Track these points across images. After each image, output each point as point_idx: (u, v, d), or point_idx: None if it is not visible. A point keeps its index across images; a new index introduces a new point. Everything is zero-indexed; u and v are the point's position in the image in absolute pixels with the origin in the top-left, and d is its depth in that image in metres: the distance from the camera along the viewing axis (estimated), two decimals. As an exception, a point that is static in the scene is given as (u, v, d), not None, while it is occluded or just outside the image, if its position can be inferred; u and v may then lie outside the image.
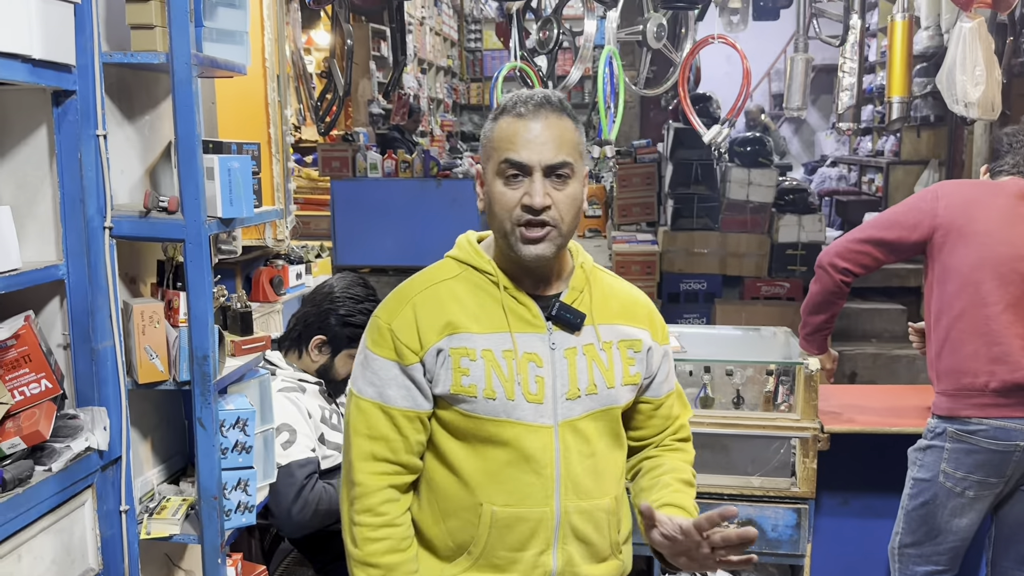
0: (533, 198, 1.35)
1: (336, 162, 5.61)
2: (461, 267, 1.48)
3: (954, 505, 2.34)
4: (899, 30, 3.82)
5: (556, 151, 1.37)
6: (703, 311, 5.96)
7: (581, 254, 1.53)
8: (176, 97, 1.73)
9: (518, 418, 1.42)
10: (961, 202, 2.33)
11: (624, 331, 1.51)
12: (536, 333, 1.44)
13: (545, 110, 1.38)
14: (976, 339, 2.29)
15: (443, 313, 1.43)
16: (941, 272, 2.34)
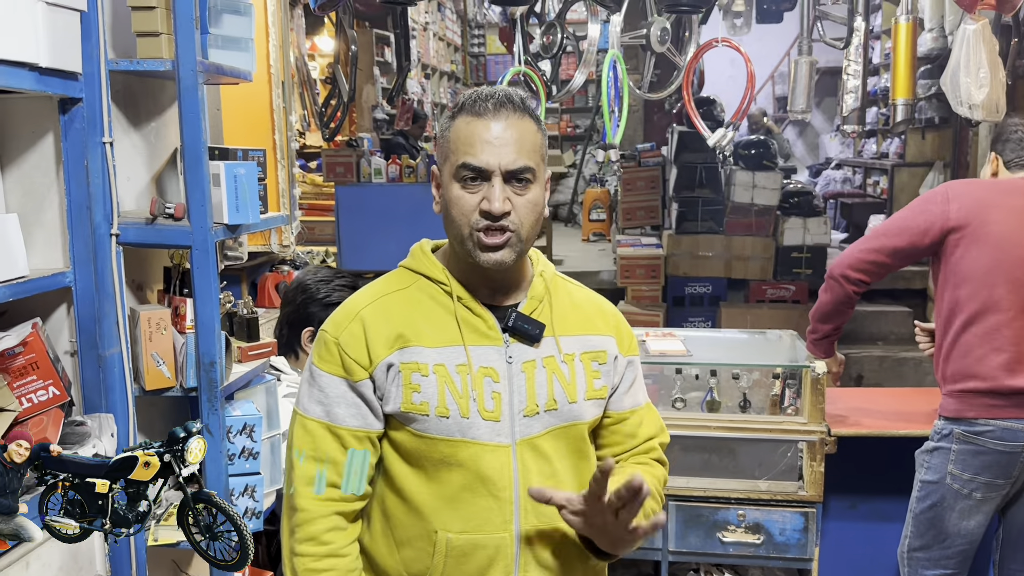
0: (492, 203, 1.27)
1: (340, 167, 5.62)
2: (414, 277, 1.39)
3: (962, 507, 2.33)
4: (903, 32, 3.82)
5: (517, 155, 1.28)
6: (708, 314, 5.96)
7: (541, 262, 1.44)
8: (182, 104, 1.74)
9: (473, 437, 1.32)
10: (974, 204, 2.30)
11: (588, 342, 1.41)
12: (492, 346, 1.34)
13: (506, 110, 1.30)
14: (987, 343, 2.27)
15: (393, 326, 1.34)
16: (953, 274, 2.32)
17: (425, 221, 5.72)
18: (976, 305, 2.28)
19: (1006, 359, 2.26)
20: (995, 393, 2.26)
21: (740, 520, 2.80)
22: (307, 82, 4.92)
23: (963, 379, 2.31)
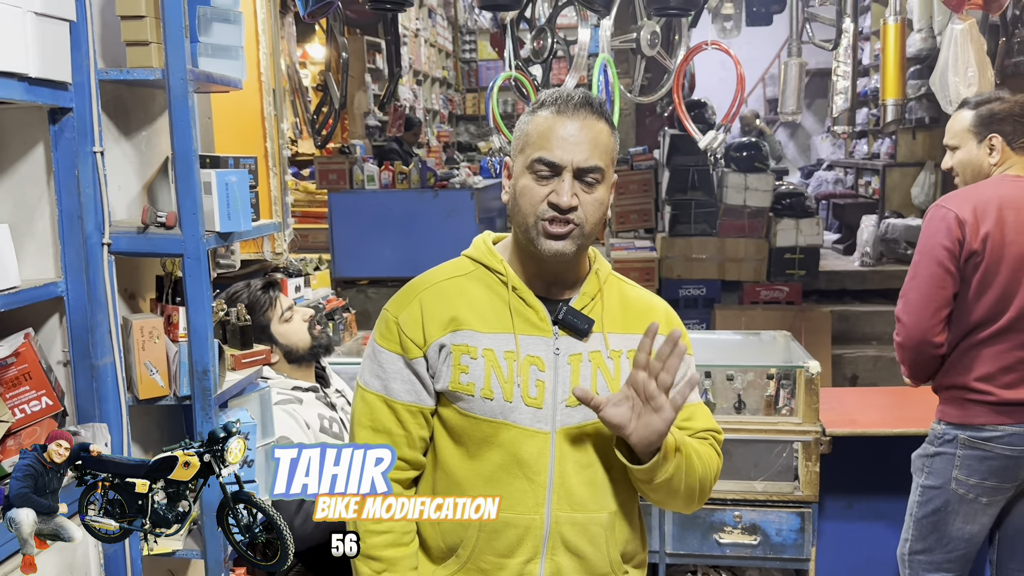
0: (560, 197, 1.34)
1: (333, 175, 5.63)
2: (474, 265, 1.47)
3: (966, 511, 2.31)
4: (892, 33, 3.84)
5: (589, 154, 1.35)
6: (703, 316, 5.97)
7: (599, 260, 1.50)
8: (172, 113, 1.74)
9: (514, 421, 1.39)
10: (990, 228, 2.21)
11: (636, 341, 1.43)
12: (541, 336, 1.42)
13: (584, 111, 1.37)
14: (998, 362, 2.23)
15: (449, 309, 1.42)
16: (971, 297, 2.25)
17: (419, 227, 5.76)
18: (995, 327, 2.23)
19: (1013, 378, 2.23)
20: (1003, 403, 2.24)
21: (737, 521, 2.81)
22: (299, 90, 4.92)
23: (967, 390, 2.27)
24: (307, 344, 2.35)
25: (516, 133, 1.44)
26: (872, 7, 7.68)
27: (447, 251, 1.56)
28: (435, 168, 6.44)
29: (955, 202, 2.28)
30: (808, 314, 5.65)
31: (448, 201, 5.80)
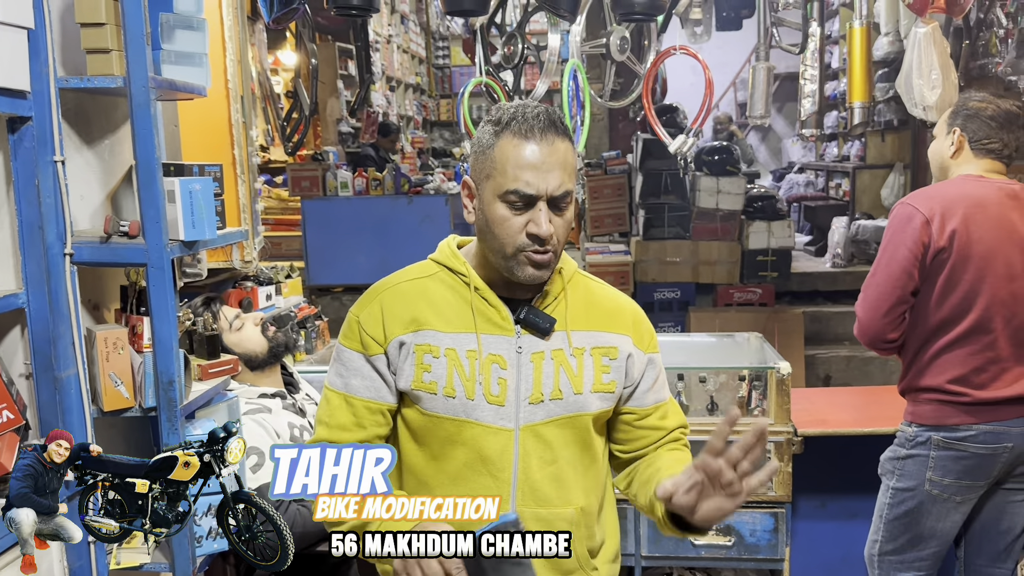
0: (540, 227, 1.35)
1: (306, 181, 5.61)
2: (438, 267, 1.49)
3: (939, 511, 2.32)
4: (858, 37, 3.89)
5: (561, 181, 1.36)
6: (678, 319, 5.99)
7: (563, 260, 1.51)
8: (134, 121, 1.72)
9: (477, 418, 1.41)
10: (957, 225, 2.22)
11: (599, 338, 1.48)
12: (503, 335, 1.43)
13: (551, 134, 1.37)
14: (969, 363, 2.25)
15: (410, 309, 1.44)
16: (937, 294, 2.26)
17: (394, 234, 5.74)
18: (963, 327, 2.24)
19: (984, 378, 2.25)
20: (977, 403, 2.25)
21: (711, 523, 2.82)
22: (270, 96, 4.89)
23: (941, 392, 2.28)
24: (264, 347, 2.34)
25: (477, 149, 1.42)
26: (840, 11, 7.78)
27: (422, 257, 1.57)
28: (409, 174, 6.43)
29: (921, 200, 2.30)
30: (781, 315, 5.69)
31: (422, 207, 5.79)
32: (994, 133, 2.31)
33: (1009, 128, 2.30)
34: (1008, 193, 2.28)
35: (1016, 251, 2.24)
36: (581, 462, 1.48)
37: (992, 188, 2.29)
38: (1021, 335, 2.25)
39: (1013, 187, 2.30)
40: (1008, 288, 2.23)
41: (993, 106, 2.32)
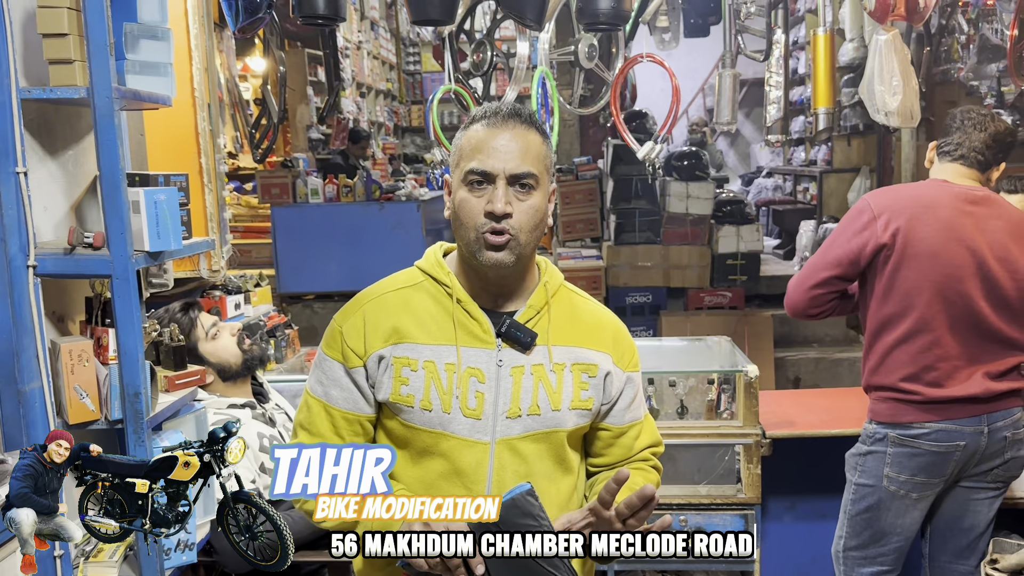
0: (495, 204, 1.37)
1: (276, 189, 5.57)
2: (423, 276, 1.50)
3: (898, 507, 2.37)
4: (821, 44, 3.95)
5: (520, 160, 1.38)
6: (650, 323, 6.03)
7: (549, 272, 1.52)
8: (98, 131, 1.71)
9: (453, 431, 1.41)
10: (903, 220, 2.29)
11: (580, 354, 1.48)
12: (484, 348, 1.43)
13: (513, 121, 1.41)
14: (919, 361, 2.29)
15: (391, 320, 1.45)
16: (882, 291, 2.33)
17: (365, 240, 5.71)
18: (907, 324, 2.29)
19: (936, 376, 2.29)
20: (928, 402, 2.30)
21: (682, 525, 2.84)
22: (239, 103, 4.87)
23: (894, 391, 2.33)
24: (239, 359, 2.33)
25: (452, 151, 1.47)
26: (807, 18, 7.89)
27: (394, 264, 1.57)
28: (380, 180, 6.41)
29: (875, 196, 2.39)
30: (751, 318, 5.75)
31: (394, 213, 5.77)
32: (952, 136, 2.38)
33: (967, 129, 2.35)
34: (968, 198, 2.32)
35: (964, 253, 2.28)
36: (555, 475, 1.48)
37: (951, 192, 2.33)
38: (970, 336, 2.29)
39: (976, 193, 2.34)
40: (955, 288, 2.28)
41: (959, 112, 2.40)
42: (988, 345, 2.31)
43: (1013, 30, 3.70)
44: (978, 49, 5.37)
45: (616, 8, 3.05)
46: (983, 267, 2.28)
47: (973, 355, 2.30)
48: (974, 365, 2.30)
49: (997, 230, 2.30)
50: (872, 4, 3.22)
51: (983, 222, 2.30)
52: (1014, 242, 2.31)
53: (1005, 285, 2.29)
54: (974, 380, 2.29)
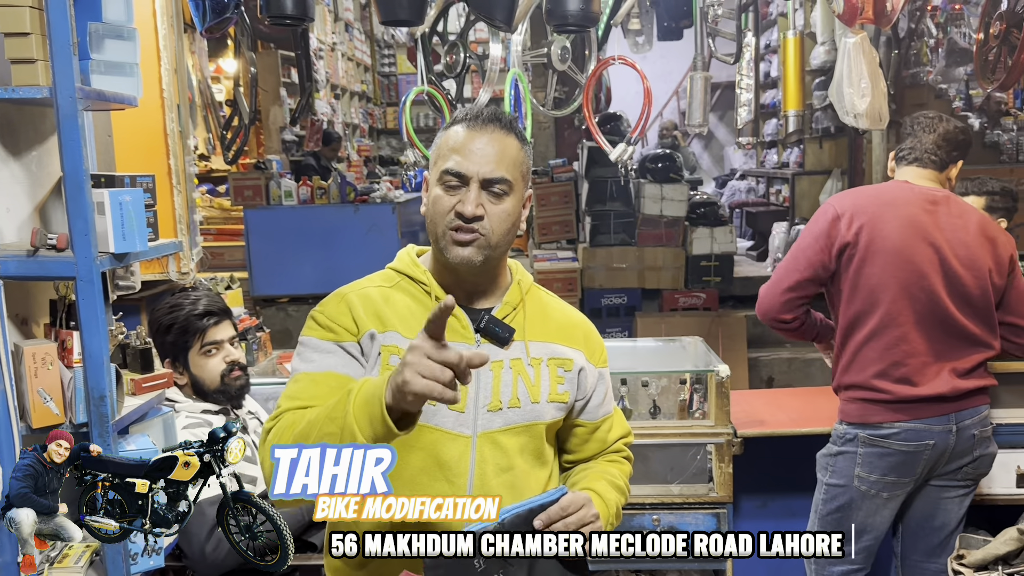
0: (465, 206, 1.39)
1: (248, 191, 5.53)
2: (399, 277, 1.51)
3: (868, 506, 2.39)
4: (791, 47, 3.99)
5: (495, 166, 1.40)
6: (625, 324, 6.06)
7: (520, 272, 1.55)
8: (62, 132, 1.69)
9: (437, 424, 1.42)
10: (866, 219, 2.32)
11: (555, 349, 1.51)
12: (463, 344, 1.44)
13: (493, 125, 1.43)
14: (886, 358, 2.32)
15: (375, 309, 1.46)
16: (849, 289, 2.36)
17: (340, 243, 5.69)
18: (874, 321, 2.32)
19: (905, 372, 2.32)
20: (897, 401, 2.33)
21: (655, 524, 2.85)
22: (211, 105, 4.83)
23: (864, 390, 2.36)
24: (215, 385, 2.30)
25: (431, 149, 1.49)
26: (779, 21, 7.97)
27: (369, 266, 1.58)
28: (355, 183, 6.38)
29: (839, 198, 2.44)
30: (724, 319, 5.79)
31: (369, 216, 5.75)
32: (906, 140, 2.44)
33: (918, 133, 2.41)
34: (928, 198, 2.37)
35: (928, 249, 2.32)
36: (534, 470, 1.50)
37: (911, 192, 2.38)
38: (936, 332, 2.33)
39: (936, 194, 2.38)
40: (919, 285, 2.31)
41: (914, 117, 2.45)
42: (954, 341, 2.34)
43: (979, 34, 3.76)
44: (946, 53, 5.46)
45: (584, 10, 3.07)
46: (945, 264, 2.32)
47: (940, 351, 2.33)
48: (941, 362, 2.33)
49: (957, 229, 2.35)
50: (840, 7, 3.26)
51: (944, 220, 2.35)
52: (974, 241, 2.35)
53: (968, 283, 2.33)
54: (942, 378, 2.32)
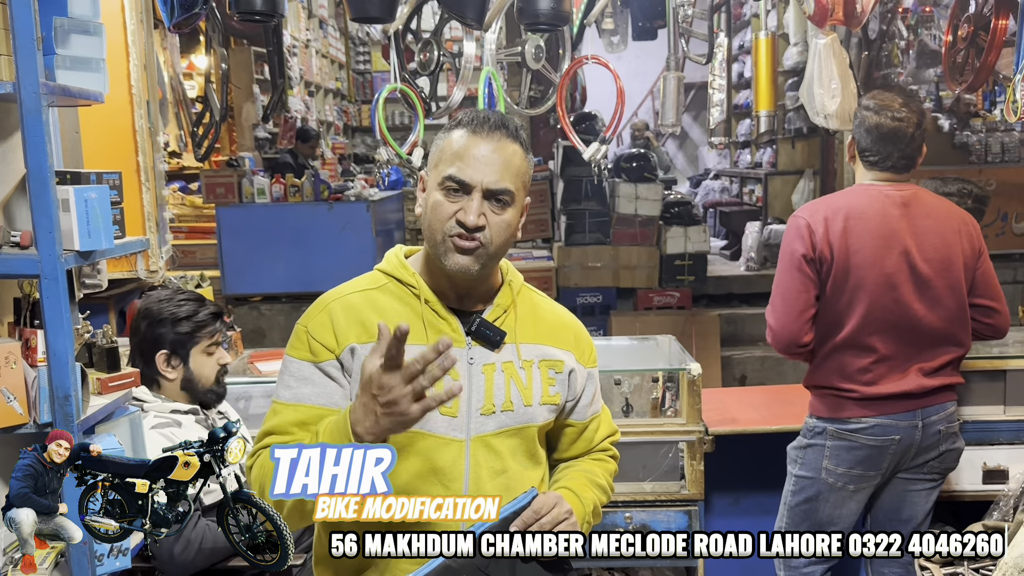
0: (467, 216, 1.37)
1: (221, 188, 5.48)
2: (387, 279, 1.49)
3: (836, 499, 2.43)
4: (763, 47, 4.02)
5: (500, 176, 1.39)
6: (600, 323, 6.08)
7: (512, 273, 1.54)
8: (25, 128, 1.66)
9: (430, 429, 1.41)
10: (835, 236, 2.31)
11: (546, 351, 1.51)
12: (455, 347, 1.43)
13: (500, 133, 1.41)
14: (857, 362, 2.35)
15: (359, 318, 1.44)
16: (824, 297, 2.36)
17: (314, 241, 5.65)
18: (844, 332, 2.34)
19: (872, 377, 2.35)
20: (865, 399, 2.36)
21: (627, 522, 2.87)
22: (183, 102, 4.77)
23: (834, 388, 2.39)
24: (208, 386, 2.31)
25: (432, 149, 1.47)
26: (752, 22, 8.03)
27: (344, 264, 1.57)
28: (330, 180, 6.35)
29: (808, 211, 2.41)
30: (698, 318, 5.83)
31: (343, 214, 5.72)
32: (873, 146, 2.36)
33: (889, 141, 2.33)
34: (896, 201, 2.36)
35: (898, 259, 2.32)
36: (527, 472, 1.50)
37: (879, 198, 2.36)
38: (906, 338, 2.35)
39: (904, 194, 2.37)
40: (890, 296, 2.33)
41: (877, 117, 2.35)
42: (923, 344, 2.37)
43: (947, 36, 3.81)
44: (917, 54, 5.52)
45: (556, 9, 3.07)
46: (915, 271, 2.33)
47: (909, 354, 2.36)
48: (909, 364, 2.36)
49: (927, 229, 2.36)
50: (811, 8, 3.29)
51: (918, 223, 2.35)
52: (943, 240, 2.37)
53: (937, 286, 2.35)
54: (909, 377, 2.36)
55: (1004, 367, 2.80)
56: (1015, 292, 5.25)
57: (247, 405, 2.89)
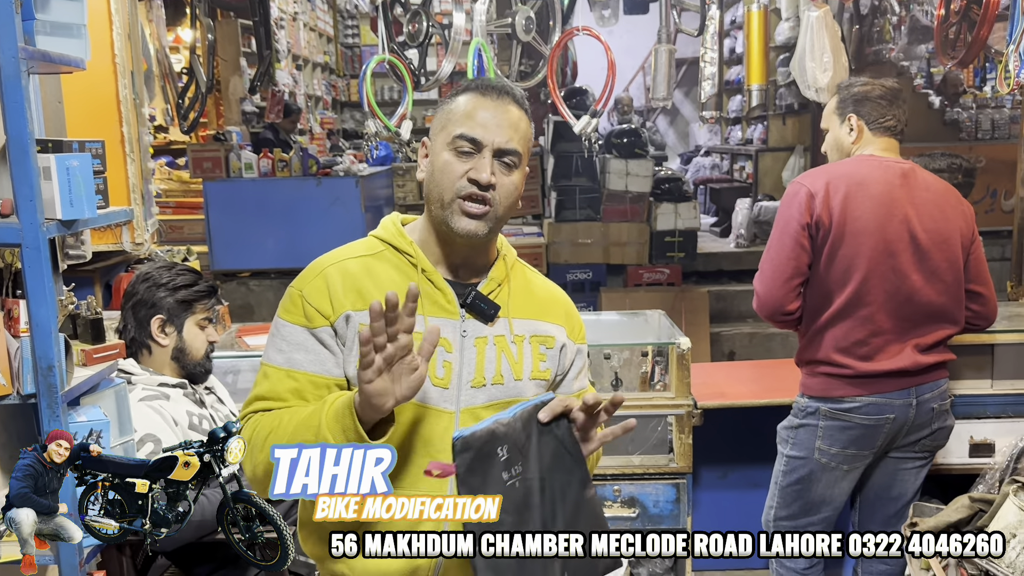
0: (481, 173, 1.37)
1: (208, 163, 5.43)
2: (383, 246, 1.48)
3: (828, 478, 2.42)
4: (755, 20, 3.99)
5: (509, 136, 1.40)
6: (590, 300, 6.08)
7: (506, 247, 1.54)
8: (4, 94, 1.62)
9: (421, 400, 1.40)
10: (837, 201, 2.31)
11: (538, 327, 1.51)
12: (448, 319, 1.43)
13: (507, 97, 1.43)
14: (852, 335, 2.33)
15: (355, 285, 1.42)
16: (818, 268, 2.35)
17: (302, 217, 5.62)
18: (841, 299, 2.32)
19: (868, 350, 2.33)
20: (859, 376, 2.35)
21: (616, 495, 2.88)
22: (169, 75, 4.71)
23: (827, 365, 2.37)
24: (199, 359, 2.30)
25: (437, 115, 1.47)
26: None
27: (332, 240, 1.55)
28: (318, 155, 6.30)
29: (809, 178, 2.40)
30: (688, 294, 5.84)
31: (332, 189, 5.68)
32: (887, 111, 2.40)
33: (897, 103, 2.41)
34: (898, 172, 2.36)
35: (899, 228, 2.32)
36: None
37: (882, 167, 2.36)
38: (903, 310, 2.34)
39: (903, 166, 2.38)
40: (888, 264, 2.32)
41: (879, 87, 2.42)
42: (919, 318, 2.36)
43: (939, 10, 3.79)
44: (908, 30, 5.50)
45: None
46: (915, 240, 2.32)
47: (904, 328, 2.35)
48: (905, 339, 2.35)
49: (926, 202, 2.35)
50: (804, -20, 3.27)
51: (917, 195, 2.35)
52: (942, 213, 2.36)
53: (935, 256, 2.34)
54: (904, 354, 2.34)
55: (992, 341, 2.81)
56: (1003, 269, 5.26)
57: (235, 379, 2.88)
